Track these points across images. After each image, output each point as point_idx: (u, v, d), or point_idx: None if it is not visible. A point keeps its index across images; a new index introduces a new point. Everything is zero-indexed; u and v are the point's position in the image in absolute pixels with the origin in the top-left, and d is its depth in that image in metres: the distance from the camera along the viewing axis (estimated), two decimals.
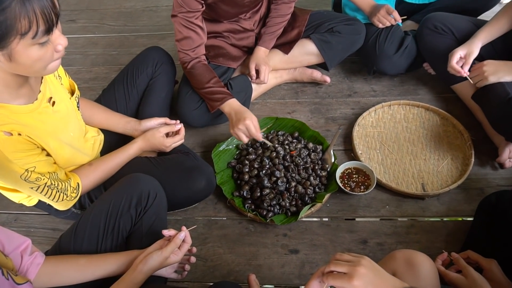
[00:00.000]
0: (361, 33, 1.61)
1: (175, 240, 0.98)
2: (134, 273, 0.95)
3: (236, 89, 1.57)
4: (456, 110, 1.58)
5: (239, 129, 1.34)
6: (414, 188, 1.35)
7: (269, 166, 1.39)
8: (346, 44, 1.62)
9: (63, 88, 1.16)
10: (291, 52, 1.64)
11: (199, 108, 1.52)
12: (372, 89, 1.73)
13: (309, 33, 1.63)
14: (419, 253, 0.99)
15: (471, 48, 1.34)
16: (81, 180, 1.17)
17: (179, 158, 1.33)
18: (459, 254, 1.02)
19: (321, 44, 1.62)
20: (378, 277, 0.71)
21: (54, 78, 1.13)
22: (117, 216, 1.06)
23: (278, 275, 1.22)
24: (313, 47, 1.63)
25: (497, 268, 0.97)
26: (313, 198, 1.34)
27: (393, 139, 1.51)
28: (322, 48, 1.62)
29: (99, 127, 1.37)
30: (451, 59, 1.36)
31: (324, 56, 1.63)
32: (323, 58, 1.64)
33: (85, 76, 1.98)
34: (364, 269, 0.70)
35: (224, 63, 1.62)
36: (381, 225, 1.30)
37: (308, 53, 1.65)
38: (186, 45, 1.45)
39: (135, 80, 1.49)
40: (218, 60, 1.61)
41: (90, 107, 1.36)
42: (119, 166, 1.26)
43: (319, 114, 1.65)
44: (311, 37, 1.62)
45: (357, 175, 1.38)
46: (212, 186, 1.33)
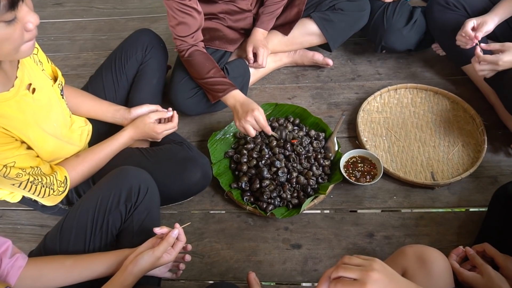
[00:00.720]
0: (366, 10, 1.50)
1: (168, 238, 0.91)
2: (124, 274, 0.88)
3: (233, 74, 1.48)
4: (467, 93, 1.49)
5: (247, 121, 1.24)
6: (423, 177, 1.27)
7: (269, 155, 1.30)
8: (349, 22, 1.52)
9: (45, 74, 1.07)
10: (291, 33, 1.54)
11: (195, 96, 1.43)
12: (377, 71, 1.63)
13: (310, 11, 1.53)
14: (432, 249, 0.92)
15: (486, 18, 1.24)
16: (69, 173, 1.09)
17: (172, 149, 1.25)
18: (475, 247, 0.95)
19: (322, 23, 1.51)
20: (393, 282, 0.63)
21: (34, 64, 1.04)
22: (106, 213, 1.00)
23: (279, 271, 1.15)
24: (314, 26, 1.52)
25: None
26: (316, 189, 1.26)
27: (400, 125, 1.42)
28: (324, 27, 1.52)
29: (87, 116, 1.28)
30: (465, 25, 1.26)
31: (326, 36, 1.53)
32: (326, 38, 1.54)
33: (73, 62, 1.88)
34: (378, 274, 0.62)
35: (221, 46, 1.51)
36: (388, 217, 1.22)
37: (309, 34, 1.55)
38: (182, 31, 1.35)
39: (123, 66, 1.40)
40: (214, 43, 1.50)
41: (76, 95, 1.27)
42: (109, 156, 1.19)
43: (321, 100, 1.56)
44: (312, 16, 1.51)
45: (362, 164, 1.30)
46: (208, 178, 1.25)
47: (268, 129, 1.26)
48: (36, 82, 1.01)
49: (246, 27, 1.54)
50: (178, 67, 1.48)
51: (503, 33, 1.32)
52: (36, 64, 1.05)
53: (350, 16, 1.50)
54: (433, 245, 1.13)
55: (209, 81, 1.34)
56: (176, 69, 1.48)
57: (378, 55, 1.62)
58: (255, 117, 1.23)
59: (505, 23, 1.30)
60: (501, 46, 1.17)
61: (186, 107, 1.44)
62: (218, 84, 1.33)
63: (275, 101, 1.54)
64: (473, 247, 0.95)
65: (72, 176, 1.10)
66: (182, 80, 1.43)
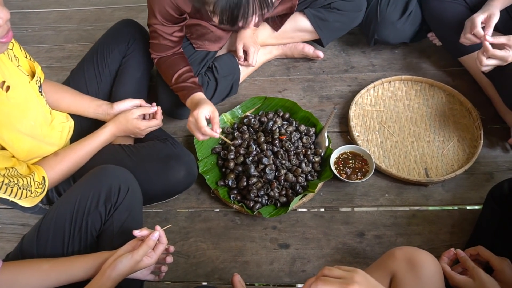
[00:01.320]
0: (362, 9, 1.43)
1: (148, 241, 0.87)
2: (102, 279, 0.84)
3: (222, 73, 1.42)
4: (463, 85, 1.43)
5: (189, 122, 1.16)
6: (417, 174, 1.22)
7: (257, 152, 1.26)
8: (345, 22, 1.45)
9: (21, 70, 1.02)
10: (282, 27, 1.47)
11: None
12: (371, 63, 1.57)
13: (303, 7, 1.45)
14: (423, 252, 0.88)
15: (491, 10, 1.16)
16: (47, 172, 1.05)
17: (156, 146, 1.20)
18: (468, 250, 0.91)
19: (316, 21, 1.44)
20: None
21: (8, 60, 0.98)
22: (84, 215, 0.96)
23: (266, 272, 1.11)
24: (307, 23, 1.45)
25: (510, 269, 0.86)
26: (305, 187, 1.21)
27: (394, 119, 1.37)
28: (318, 25, 1.45)
29: (68, 112, 1.23)
30: (474, 24, 1.15)
31: (320, 34, 1.47)
32: (319, 36, 1.47)
33: (57, 54, 1.81)
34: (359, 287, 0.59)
35: (208, 47, 1.44)
36: (380, 216, 1.18)
37: (301, 30, 1.48)
38: (157, 50, 1.29)
39: (106, 59, 1.34)
40: (204, 44, 1.43)
41: (55, 90, 1.22)
42: (89, 154, 1.14)
43: (312, 92, 1.51)
44: (306, 13, 1.44)
45: (353, 160, 1.25)
46: (193, 176, 1.21)
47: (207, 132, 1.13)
48: (11, 79, 0.96)
49: None
50: None
51: (503, 23, 1.26)
52: (11, 60, 0.99)
53: (346, 16, 1.42)
54: (425, 245, 1.11)
55: (174, 87, 1.28)
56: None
57: (373, 46, 1.56)
58: (194, 117, 1.13)
59: (505, 12, 1.24)
60: (507, 40, 1.10)
61: (175, 114, 1.42)
62: (181, 90, 1.26)
63: (265, 94, 1.48)
64: (466, 250, 0.91)
65: (50, 176, 1.05)
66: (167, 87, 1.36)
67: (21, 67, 1.02)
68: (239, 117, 1.42)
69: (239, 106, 1.44)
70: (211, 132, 1.13)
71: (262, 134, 1.30)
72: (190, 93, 1.23)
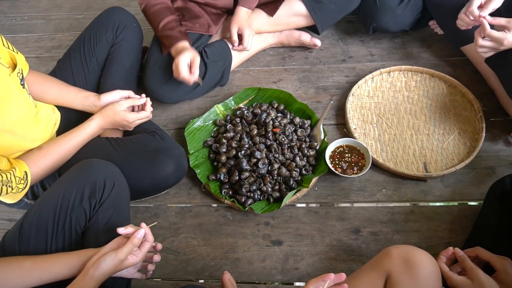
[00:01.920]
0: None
1: (132, 239, 0.84)
2: (85, 278, 0.81)
3: (212, 58, 1.37)
4: (465, 75, 1.38)
5: (173, 68, 1.23)
6: (415, 168, 1.18)
7: (249, 145, 1.21)
8: (340, 4, 1.39)
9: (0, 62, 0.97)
10: (276, 13, 1.41)
11: (171, 81, 1.32)
12: (370, 52, 1.51)
13: None
14: (419, 251, 0.84)
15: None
16: (30, 167, 1.01)
17: (144, 139, 1.16)
18: (466, 251, 0.87)
19: (311, 4, 1.39)
20: None
21: None
22: (68, 211, 0.93)
23: (258, 270, 1.08)
24: (302, 7, 1.40)
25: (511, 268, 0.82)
26: (299, 181, 1.17)
27: (392, 111, 1.32)
28: (312, 8, 1.39)
29: (54, 104, 1.19)
30: (472, 2, 1.11)
31: (314, 18, 1.41)
32: (313, 20, 1.41)
33: (47, 44, 1.76)
34: None
35: (200, 30, 1.39)
36: (377, 212, 1.14)
37: (296, 14, 1.42)
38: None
39: (93, 48, 1.29)
40: (195, 27, 1.38)
41: (40, 81, 1.17)
42: (75, 148, 1.10)
43: (308, 83, 1.45)
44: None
45: (349, 154, 1.20)
46: (182, 170, 1.16)
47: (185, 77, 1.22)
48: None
49: (227, 6, 1.42)
50: (154, 49, 1.37)
51: (507, 8, 1.19)
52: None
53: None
54: (423, 242, 1.07)
55: (161, 35, 1.30)
56: (151, 51, 1.37)
57: (372, 34, 1.50)
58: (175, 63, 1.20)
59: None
60: (507, 22, 1.05)
61: (161, 94, 1.34)
62: (167, 38, 1.28)
63: (259, 85, 1.43)
64: (465, 251, 0.87)
65: (33, 171, 1.01)
66: (157, 63, 1.32)
67: (0, 59, 0.97)
68: (232, 108, 1.37)
69: (232, 97, 1.39)
70: (189, 77, 1.22)
71: (255, 126, 1.25)
72: (175, 41, 1.25)
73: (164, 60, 1.33)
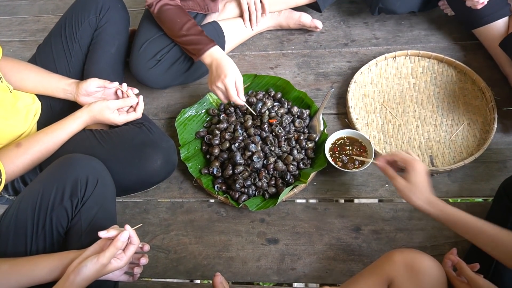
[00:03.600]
0: None
1: (115, 243, 0.78)
2: (65, 284, 0.75)
3: None
4: (477, 61, 1.28)
5: (217, 88, 1.10)
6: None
7: (243, 137, 1.13)
8: None
9: None
10: None
11: (158, 65, 1.23)
12: (374, 36, 1.41)
13: None
14: (425, 256, 0.78)
15: None
16: (6, 166, 0.93)
17: (130, 132, 1.08)
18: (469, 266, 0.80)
19: None
20: None
21: None
22: (48, 210, 0.88)
23: (252, 270, 1.02)
24: None
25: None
26: (297, 176, 1.10)
27: (397, 100, 1.23)
28: None
29: (35, 92, 1.11)
30: None
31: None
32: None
33: (31, 27, 1.66)
34: None
35: (195, 8, 1.28)
36: (379, 209, 1.07)
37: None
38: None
39: (75, 32, 1.20)
40: (188, 5, 1.28)
41: (18, 69, 1.09)
42: (57, 145, 1.01)
43: (308, 69, 1.36)
44: None
45: (351, 146, 1.13)
46: (171, 165, 1.09)
47: (238, 101, 1.10)
48: None
49: None
50: (140, 31, 1.27)
51: None
52: None
53: None
54: (427, 242, 1.01)
55: (183, 40, 1.16)
56: (137, 34, 1.27)
57: (377, 16, 1.40)
58: (226, 86, 1.08)
59: None
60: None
61: (148, 79, 1.25)
62: (193, 44, 1.15)
63: (255, 71, 1.34)
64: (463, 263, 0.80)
65: (9, 170, 0.94)
66: (142, 47, 1.23)
67: None
68: None
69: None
70: (241, 101, 1.11)
71: (250, 117, 1.17)
72: (207, 47, 1.13)
73: (150, 42, 1.23)
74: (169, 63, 1.24)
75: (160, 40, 1.22)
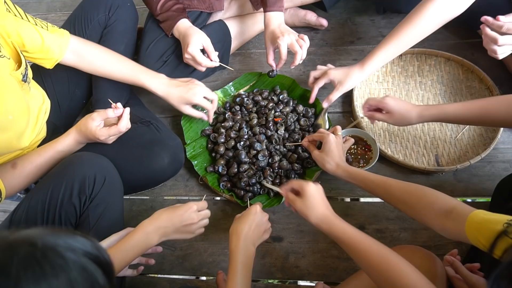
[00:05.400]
0: None
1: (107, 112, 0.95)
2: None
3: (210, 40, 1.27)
4: (484, 59, 1.27)
5: (187, 59, 1.16)
6: (426, 161, 1.10)
7: (248, 136, 1.14)
8: None
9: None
10: None
11: (164, 67, 1.24)
12: (381, 33, 1.40)
13: None
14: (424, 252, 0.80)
15: None
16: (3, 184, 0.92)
17: (138, 130, 1.10)
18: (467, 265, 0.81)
19: None
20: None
21: None
22: (57, 207, 0.90)
23: (257, 267, 1.03)
24: None
25: None
26: (301, 175, 1.11)
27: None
28: None
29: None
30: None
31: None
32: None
33: None
34: None
35: (199, 7, 1.28)
36: (383, 208, 1.08)
37: None
38: None
39: (84, 31, 1.21)
40: (193, 3, 1.28)
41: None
42: (50, 166, 0.97)
43: (313, 67, 1.33)
44: None
45: (355, 145, 1.13)
46: (178, 162, 1.11)
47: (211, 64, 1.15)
48: None
49: None
50: (147, 31, 1.28)
51: None
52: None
53: None
54: (431, 241, 1.01)
55: (158, 19, 1.21)
56: (145, 30, 1.28)
57: (382, 14, 1.39)
58: (191, 54, 1.13)
59: None
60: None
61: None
62: (164, 21, 1.20)
63: (261, 69, 1.35)
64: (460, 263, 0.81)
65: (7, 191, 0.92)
66: (148, 48, 1.24)
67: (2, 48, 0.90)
68: (232, 95, 1.30)
69: (232, 83, 1.31)
70: (212, 63, 1.14)
71: (255, 115, 1.18)
72: (174, 22, 1.17)
73: (156, 42, 1.24)
74: (175, 63, 1.24)
75: (164, 40, 1.23)
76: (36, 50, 0.97)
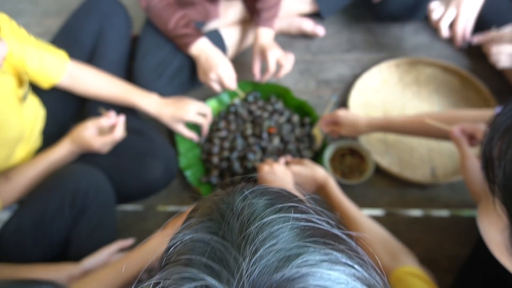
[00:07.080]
0: None
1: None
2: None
3: None
4: (482, 69, 1.26)
5: (212, 79, 1.14)
6: (421, 173, 1.09)
7: (242, 147, 1.13)
8: None
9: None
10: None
11: (160, 79, 1.21)
12: (378, 42, 1.39)
13: None
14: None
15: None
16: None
17: (130, 141, 1.09)
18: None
19: None
20: None
21: None
22: (47, 221, 0.89)
23: None
24: None
25: None
26: None
27: (400, 108, 1.21)
28: None
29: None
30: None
31: (318, 3, 1.28)
32: (317, 5, 1.29)
33: (35, 30, 1.67)
34: None
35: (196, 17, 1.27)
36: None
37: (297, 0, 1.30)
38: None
39: (78, 39, 1.20)
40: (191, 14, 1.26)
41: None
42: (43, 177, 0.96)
43: (309, 76, 1.35)
44: None
45: (350, 156, 1.12)
46: (171, 173, 1.10)
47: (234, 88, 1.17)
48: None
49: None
50: (144, 35, 1.26)
51: None
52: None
53: None
54: (425, 255, 0.99)
55: (173, 35, 1.18)
56: (142, 38, 1.27)
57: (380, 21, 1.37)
58: (219, 76, 1.13)
59: None
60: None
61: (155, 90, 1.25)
62: (181, 38, 1.17)
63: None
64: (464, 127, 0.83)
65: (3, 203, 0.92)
66: (145, 56, 1.22)
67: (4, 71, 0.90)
68: (226, 104, 1.29)
69: (226, 91, 1.29)
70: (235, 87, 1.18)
71: (249, 126, 1.17)
72: (192, 41, 1.15)
73: (155, 51, 1.23)
74: (171, 74, 1.23)
75: (160, 52, 1.22)
76: (35, 71, 0.98)
